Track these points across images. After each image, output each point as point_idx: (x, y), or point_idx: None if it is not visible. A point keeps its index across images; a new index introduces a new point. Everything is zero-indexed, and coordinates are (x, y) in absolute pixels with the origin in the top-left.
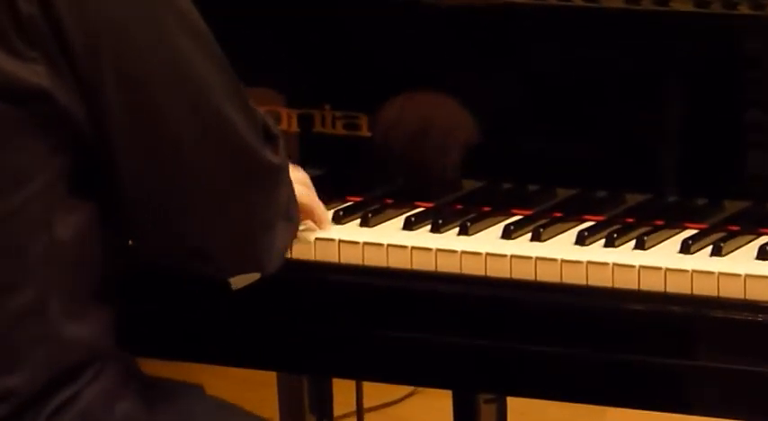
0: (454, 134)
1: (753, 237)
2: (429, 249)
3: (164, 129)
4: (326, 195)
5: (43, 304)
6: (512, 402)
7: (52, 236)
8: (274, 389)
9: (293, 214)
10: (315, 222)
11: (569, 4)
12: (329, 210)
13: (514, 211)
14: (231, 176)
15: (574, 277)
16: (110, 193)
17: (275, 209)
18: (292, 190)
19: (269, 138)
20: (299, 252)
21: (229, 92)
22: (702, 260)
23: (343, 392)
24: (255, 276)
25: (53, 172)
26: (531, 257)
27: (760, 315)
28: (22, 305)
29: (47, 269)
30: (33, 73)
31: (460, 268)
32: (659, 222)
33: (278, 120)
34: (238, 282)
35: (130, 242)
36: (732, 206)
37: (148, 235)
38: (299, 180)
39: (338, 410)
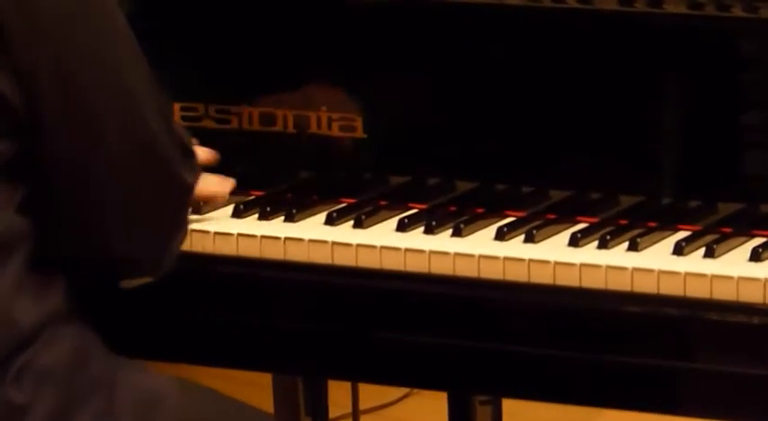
0: None
1: (746, 239)
2: (422, 251)
3: (94, 133)
4: (320, 196)
5: None
6: (506, 404)
7: (6, 222)
8: (270, 391)
9: (187, 221)
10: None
11: (563, 5)
12: (322, 212)
13: (508, 213)
14: (150, 185)
15: (567, 279)
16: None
17: (178, 220)
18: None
19: (186, 155)
20: (291, 253)
21: (155, 106)
22: (695, 262)
23: (338, 394)
24: (146, 279)
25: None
26: (524, 259)
27: (753, 317)
28: None
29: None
30: None
31: (454, 270)
32: (652, 224)
33: (273, 121)
34: (128, 282)
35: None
36: (725, 208)
37: (60, 228)
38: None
39: (334, 412)
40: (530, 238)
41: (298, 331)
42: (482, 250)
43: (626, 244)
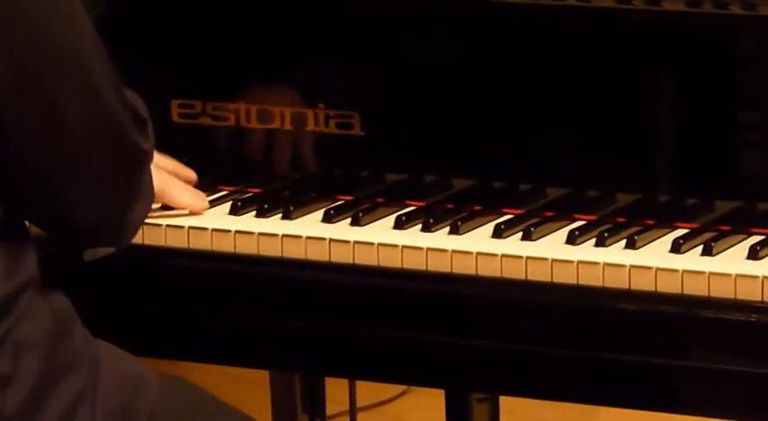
0: None
1: (744, 236)
2: (420, 248)
3: (50, 108)
4: (317, 194)
5: None
6: (504, 401)
7: None
8: (267, 388)
9: (150, 192)
10: (189, 211)
11: (561, 3)
12: (319, 209)
13: (505, 211)
14: (107, 156)
15: (564, 276)
16: None
17: (138, 189)
18: (149, 172)
19: (138, 122)
20: (288, 251)
21: (108, 78)
22: (693, 260)
23: (335, 391)
24: (110, 250)
25: None
26: (521, 257)
27: (751, 315)
28: None
29: None
30: None
31: (451, 267)
32: (650, 222)
33: (270, 118)
34: (91, 254)
35: None
36: (723, 206)
37: (19, 201)
38: (162, 165)
39: (331, 409)
40: (527, 236)
41: (295, 328)
42: (480, 248)
43: (623, 241)
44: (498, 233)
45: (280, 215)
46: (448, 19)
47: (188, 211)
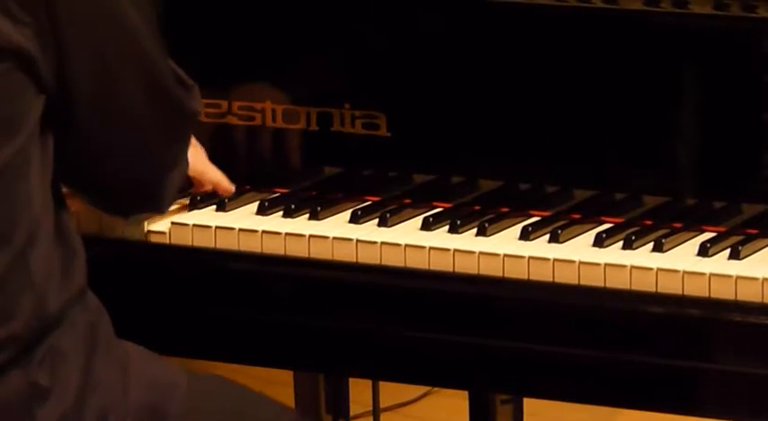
0: None
1: None
2: (447, 250)
3: (112, 77)
4: (345, 194)
5: (25, 254)
6: (527, 403)
7: (28, 186)
8: (291, 388)
9: (186, 161)
10: (218, 190)
11: (588, 5)
12: (346, 210)
13: (532, 213)
14: (160, 119)
15: (591, 279)
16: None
17: (181, 152)
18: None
19: (186, 86)
20: (315, 251)
21: (159, 44)
22: (720, 263)
23: (359, 392)
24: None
25: (31, 124)
26: (548, 259)
27: None
28: (13, 255)
29: (26, 219)
30: (22, 35)
31: (478, 269)
32: (677, 225)
33: (297, 118)
34: (137, 218)
35: None
36: (750, 209)
37: (71, 166)
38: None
39: (354, 409)
40: (554, 238)
41: (319, 328)
42: (506, 249)
43: (651, 244)
44: (525, 235)
45: (307, 215)
46: (477, 20)
47: (211, 189)
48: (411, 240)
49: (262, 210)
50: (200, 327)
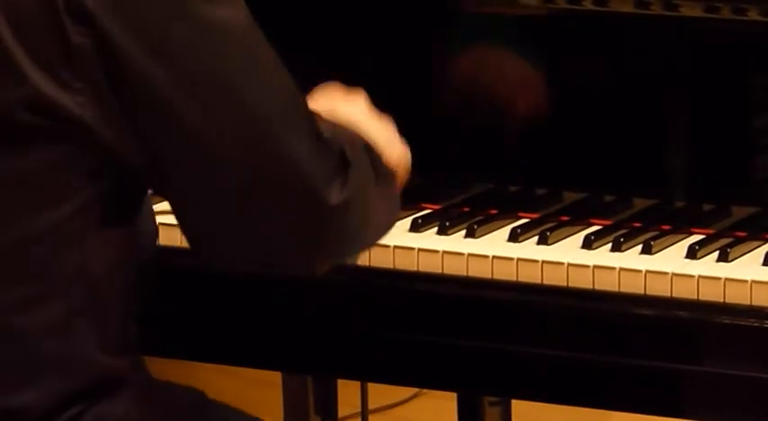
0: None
1: (760, 243)
2: (436, 251)
3: (219, 172)
4: None
5: (69, 324)
6: (516, 405)
7: (83, 259)
8: (279, 390)
9: (371, 222)
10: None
11: (576, 7)
12: None
13: (521, 215)
14: (279, 208)
15: (580, 281)
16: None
17: (341, 240)
18: (366, 204)
19: (339, 170)
20: None
21: (291, 121)
22: (709, 265)
23: (347, 393)
24: None
25: (88, 195)
26: (537, 261)
27: (766, 321)
28: (47, 322)
29: (75, 289)
30: (76, 103)
31: (467, 271)
32: (666, 227)
33: None
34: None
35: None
36: (739, 212)
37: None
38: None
39: (343, 411)
40: (543, 240)
41: (308, 330)
42: (495, 251)
43: (639, 247)
44: (514, 237)
45: None
46: (465, 22)
47: None
48: (400, 242)
49: None
50: (183, 329)
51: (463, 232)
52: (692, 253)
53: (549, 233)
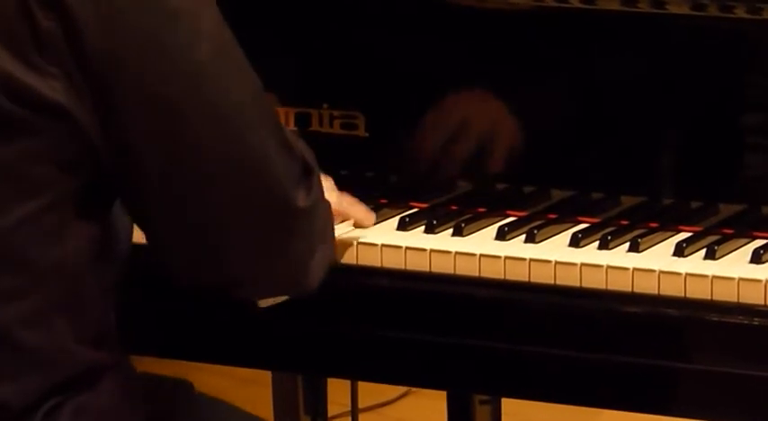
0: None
1: (747, 240)
2: (423, 250)
3: (187, 158)
4: None
5: (48, 317)
6: (506, 403)
7: (61, 251)
8: (269, 389)
9: (328, 236)
10: (356, 223)
11: (566, 5)
12: None
13: (509, 213)
14: (251, 210)
15: (568, 279)
16: (135, 210)
17: (305, 244)
18: (327, 216)
19: (304, 174)
20: None
21: (263, 123)
22: (696, 263)
23: (337, 392)
24: (283, 297)
25: (66, 187)
26: (525, 259)
27: (754, 318)
28: (25, 314)
29: (54, 283)
30: (51, 88)
31: (454, 269)
32: (654, 225)
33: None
34: (264, 301)
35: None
36: (727, 209)
37: (176, 263)
38: (327, 187)
39: (332, 410)
40: (530, 238)
41: (297, 329)
42: (483, 249)
43: (627, 244)
44: (502, 235)
45: None
46: (454, 19)
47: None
48: (387, 240)
49: None
50: (175, 328)
51: (451, 230)
52: (680, 250)
53: (536, 231)
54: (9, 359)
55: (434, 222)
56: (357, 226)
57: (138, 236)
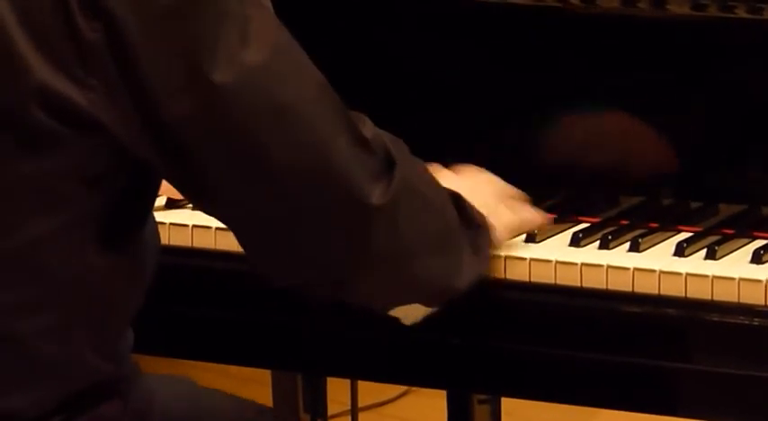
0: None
1: (747, 240)
2: None
3: (247, 158)
4: None
5: (67, 330)
6: (505, 403)
7: (86, 265)
8: (269, 388)
9: (475, 246)
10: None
11: (561, 5)
12: None
13: None
14: (322, 214)
15: (568, 279)
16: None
17: (395, 245)
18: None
19: (384, 169)
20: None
21: (329, 118)
22: (697, 263)
23: (337, 391)
24: (421, 309)
25: (92, 202)
26: (525, 259)
27: (754, 318)
28: (44, 327)
29: (74, 297)
30: (89, 101)
31: None
32: (654, 225)
33: None
34: (406, 317)
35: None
36: (727, 209)
37: (264, 263)
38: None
39: (332, 409)
40: (531, 238)
41: (297, 328)
42: None
43: (627, 244)
44: None
45: None
46: (452, 19)
47: None
48: None
49: None
50: (175, 327)
51: None
52: (680, 250)
53: (536, 231)
54: (25, 370)
55: None
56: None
57: None
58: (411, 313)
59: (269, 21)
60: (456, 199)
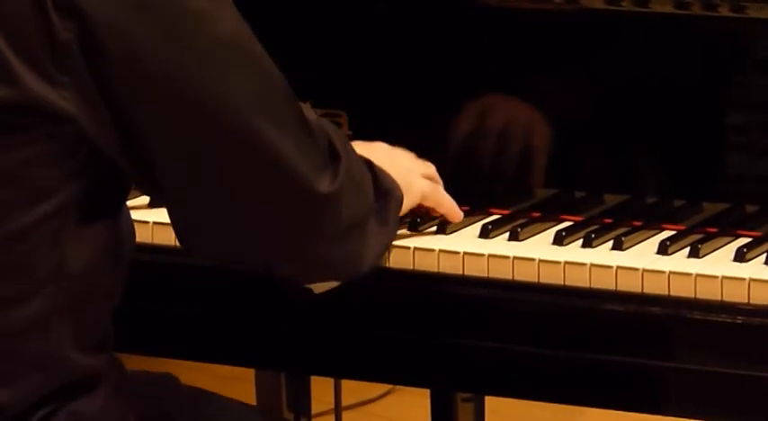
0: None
1: (730, 239)
2: (407, 248)
3: (209, 150)
4: None
5: (47, 323)
6: (489, 401)
7: (63, 257)
8: (252, 386)
9: (383, 218)
10: (445, 216)
11: (547, 7)
12: None
13: (492, 211)
14: (280, 206)
15: (551, 277)
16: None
17: (334, 228)
18: (376, 195)
19: (331, 160)
20: None
21: (277, 115)
22: (680, 261)
23: (321, 390)
24: (334, 283)
25: (69, 194)
26: (508, 257)
27: (737, 316)
28: (25, 321)
29: (54, 289)
30: (60, 97)
31: (438, 267)
32: (637, 223)
33: None
34: (318, 287)
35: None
36: (710, 208)
37: (203, 246)
38: (424, 173)
39: (316, 408)
40: (514, 236)
41: (280, 327)
42: (466, 247)
43: (610, 242)
44: (485, 233)
45: None
46: (437, 18)
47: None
48: None
49: None
50: (159, 325)
51: (434, 228)
52: (664, 249)
53: (520, 229)
54: (8, 364)
55: (419, 220)
56: (444, 219)
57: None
58: (325, 284)
59: (232, 16)
60: (369, 167)
